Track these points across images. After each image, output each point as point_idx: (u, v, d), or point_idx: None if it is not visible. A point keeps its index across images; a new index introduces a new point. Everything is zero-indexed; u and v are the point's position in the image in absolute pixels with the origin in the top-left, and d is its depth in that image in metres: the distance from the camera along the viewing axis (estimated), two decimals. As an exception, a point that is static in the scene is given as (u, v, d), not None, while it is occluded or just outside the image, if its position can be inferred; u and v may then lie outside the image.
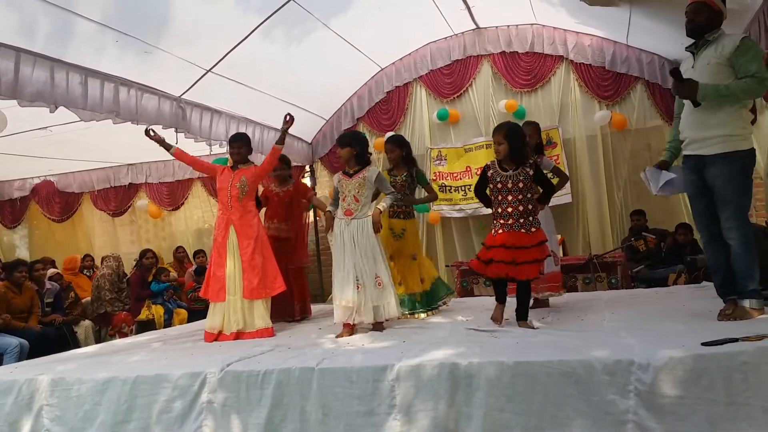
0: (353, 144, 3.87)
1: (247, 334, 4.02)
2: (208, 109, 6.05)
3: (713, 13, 3.15)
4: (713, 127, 3.08)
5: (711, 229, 3.20)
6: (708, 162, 3.11)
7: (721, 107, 3.06)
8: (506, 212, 3.42)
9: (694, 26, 3.18)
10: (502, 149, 3.42)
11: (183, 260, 8.13)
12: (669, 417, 2.31)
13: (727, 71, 3.05)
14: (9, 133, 5.45)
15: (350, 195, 3.82)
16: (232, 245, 4.12)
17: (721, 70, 3.06)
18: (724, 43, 3.08)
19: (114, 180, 8.86)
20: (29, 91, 4.12)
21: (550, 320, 3.69)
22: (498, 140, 3.45)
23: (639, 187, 7.02)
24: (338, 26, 6.03)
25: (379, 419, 2.63)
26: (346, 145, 3.87)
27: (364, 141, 3.97)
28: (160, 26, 4.82)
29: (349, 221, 3.80)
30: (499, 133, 3.45)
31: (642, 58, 6.86)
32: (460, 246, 7.59)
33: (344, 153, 3.87)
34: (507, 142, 3.41)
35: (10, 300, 5.76)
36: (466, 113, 7.66)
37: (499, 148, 3.44)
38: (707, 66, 3.11)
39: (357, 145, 3.86)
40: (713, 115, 3.08)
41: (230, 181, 4.20)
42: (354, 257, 3.73)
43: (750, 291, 3.02)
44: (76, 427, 3.01)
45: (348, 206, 3.82)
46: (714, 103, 3.05)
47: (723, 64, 3.05)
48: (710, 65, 3.10)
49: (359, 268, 3.71)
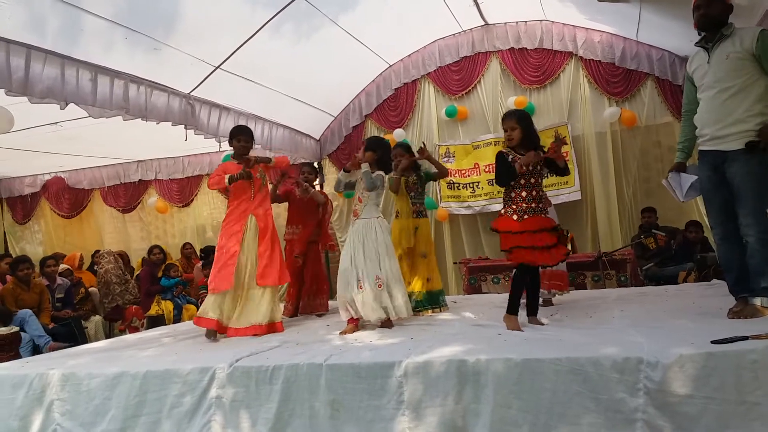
0: (376, 150, 3.94)
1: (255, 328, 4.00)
2: (217, 106, 6.07)
3: (725, 6, 3.12)
4: (735, 124, 3.06)
5: (726, 226, 3.16)
6: (729, 158, 3.08)
7: (741, 103, 3.03)
8: (530, 196, 3.39)
9: (707, 19, 3.15)
10: (516, 134, 3.41)
11: (190, 257, 8.19)
12: (679, 416, 2.30)
13: (748, 65, 3.02)
14: (20, 128, 5.50)
15: (356, 196, 3.97)
16: (251, 237, 4.11)
17: (743, 65, 3.03)
18: (741, 36, 3.05)
19: (124, 176, 8.93)
20: (40, 88, 4.15)
21: (559, 317, 3.68)
22: (511, 126, 3.43)
23: (648, 183, 6.99)
24: (346, 23, 6.03)
25: (387, 415, 2.63)
26: (369, 149, 3.93)
27: (386, 148, 4.04)
28: (169, 23, 4.84)
29: (354, 222, 3.91)
30: (511, 119, 3.45)
31: (652, 54, 6.81)
32: (468, 243, 7.57)
33: (367, 156, 3.93)
34: (520, 127, 3.42)
35: (18, 296, 5.81)
36: (474, 110, 7.64)
37: (512, 134, 3.42)
38: (726, 61, 3.07)
39: (379, 151, 3.94)
40: (735, 110, 3.05)
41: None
42: (357, 257, 3.78)
43: (762, 289, 2.99)
44: (87, 421, 3.04)
45: (355, 206, 3.97)
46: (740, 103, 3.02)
47: (744, 58, 3.02)
48: (729, 60, 3.06)
49: (361, 268, 3.75)
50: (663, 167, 6.86)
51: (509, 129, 3.44)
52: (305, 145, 7.93)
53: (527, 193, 3.39)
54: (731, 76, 3.05)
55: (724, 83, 3.10)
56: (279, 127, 7.17)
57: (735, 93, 3.06)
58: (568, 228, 6.43)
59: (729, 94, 3.08)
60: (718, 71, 3.09)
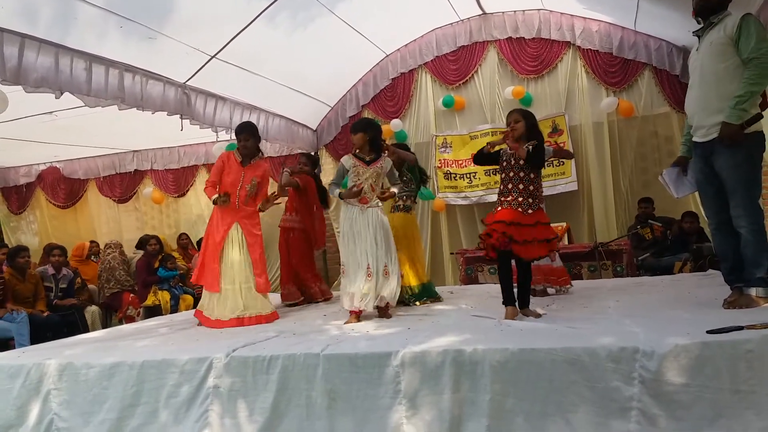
0: (368, 130, 3.87)
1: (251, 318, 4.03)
2: (213, 96, 6.03)
3: None
4: (716, 113, 3.03)
5: (720, 216, 3.17)
6: (715, 150, 3.07)
7: (721, 92, 3.00)
8: (516, 189, 3.41)
9: (702, 6, 3.13)
10: (520, 126, 3.42)
11: (187, 247, 8.18)
12: (673, 404, 2.31)
13: (730, 52, 2.99)
14: (15, 117, 5.46)
15: (366, 183, 3.82)
16: (237, 239, 4.12)
17: (725, 51, 3.00)
18: (726, 22, 3.03)
19: (119, 166, 8.89)
20: (34, 77, 4.11)
21: (555, 308, 3.69)
22: (516, 118, 3.46)
23: (645, 174, 6.99)
24: (343, 12, 5.98)
25: (384, 405, 2.64)
26: (360, 131, 3.86)
27: (377, 127, 3.96)
28: (164, 11, 4.79)
29: (364, 209, 3.80)
30: (517, 113, 3.50)
31: (650, 44, 6.79)
32: (464, 233, 7.58)
33: (357, 139, 3.86)
34: (524, 120, 3.44)
35: (14, 286, 5.79)
36: (471, 100, 7.62)
37: (516, 125, 3.43)
38: (710, 48, 3.06)
39: (371, 131, 3.87)
40: (714, 99, 3.04)
41: (240, 181, 4.15)
42: (367, 245, 3.73)
43: (757, 279, 3.00)
44: (84, 411, 3.04)
45: (364, 194, 3.81)
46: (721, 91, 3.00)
47: (726, 44, 2.99)
48: (713, 47, 3.05)
49: (372, 256, 3.72)
50: (660, 157, 6.87)
51: (514, 121, 3.46)
52: (302, 135, 7.90)
53: (525, 186, 3.40)
54: (714, 62, 3.03)
55: (707, 70, 3.09)
56: (275, 117, 7.13)
57: (717, 80, 3.04)
58: (564, 219, 6.50)
59: (711, 81, 3.06)
60: (703, 59, 3.08)
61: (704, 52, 3.11)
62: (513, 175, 3.43)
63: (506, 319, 3.29)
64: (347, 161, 3.88)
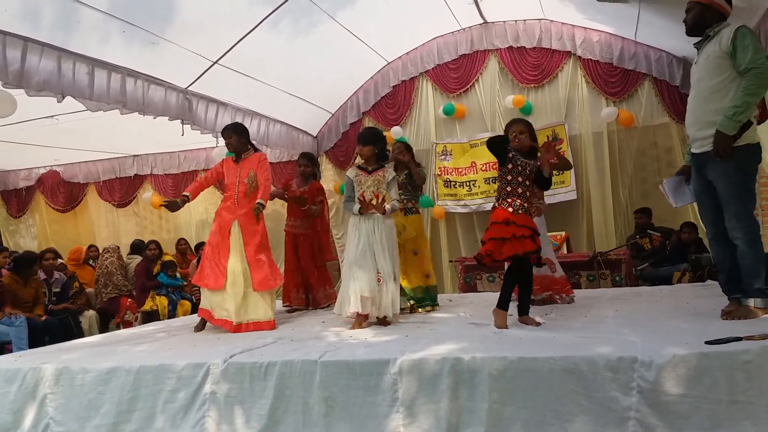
0: (376, 143, 3.92)
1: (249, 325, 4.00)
2: (214, 101, 6.05)
3: (702, 8, 3.12)
4: (708, 126, 3.04)
5: (717, 227, 3.17)
6: (708, 162, 3.08)
7: (713, 105, 3.01)
8: (525, 195, 3.41)
9: (695, 23, 3.18)
10: (524, 138, 3.43)
11: (185, 252, 8.17)
12: (671, 415, 2.30)
13: (726, 65, 3.00)
14: (16, 120, 5.47)
15: (369, 191, 3.86)
16: (236, 241, 4.11)
17: (720, 64, 3.01)
18: (722, 35, 3.04)
19: (119, 171, 8.91)
20: (36, 81, 4.13)
21: (554, 317, 3.69)
22: (520, 129, 3.45)
23: (645, 184, 7.00)
24: (345, 19, 6.01)
25: (381, 412, 2.63)
26: (370, 144, 3.90)
27: (384, 140, 4.04)
28: (167, 17, 4.82)
29: (369, 215, 3.82)
30: (520, 123, 3.50)
31: (650, 54, 6.82)
32: (463, 241, 7.58)
33: (366, 151, 3.90)
34: (528, 131, 3.45)
35: (15, 291, 5.79)
36: (472, 108, 7.64)
37: (521, 136, 3.44)
38: (707, 60, 3.08)
39: (380, 144, 3.94)
40: (709, 111, 3.05)
41: (238, 177, 4.17)
42: (373, 251, 3.75)
43: (755, 290, 2.99)
44: (80, 415, 3.03)
45: (370, 199, 3.82)
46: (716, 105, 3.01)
47: (721, 57, 3.00)
48: (709, 59, 3.06)
49: (378, 263, 3.74)
50: (659, 168, 6.89)
51: (519, 132, 3.44)
52: (302, 141, 7.92)
53: (523, 191, 3.41)
54: (709, 75, 3.04)
55: (703, 83, 3.11)
56: (276, 123, 7.15)
57: (711, 93, 3.05)
58: (563, 228, 6.50)
59: (706, 95, 3.08)
60: (700, 71, 3.10)
61: (701, 65, 3.13)
62: (522, 180, 3.42)
63: (497, 326, 3.28)
64: (351, 173, 3.97)
